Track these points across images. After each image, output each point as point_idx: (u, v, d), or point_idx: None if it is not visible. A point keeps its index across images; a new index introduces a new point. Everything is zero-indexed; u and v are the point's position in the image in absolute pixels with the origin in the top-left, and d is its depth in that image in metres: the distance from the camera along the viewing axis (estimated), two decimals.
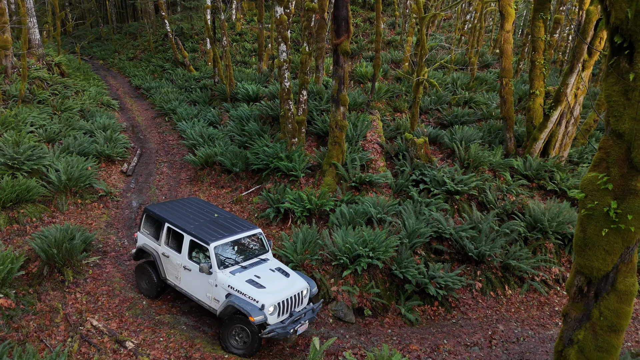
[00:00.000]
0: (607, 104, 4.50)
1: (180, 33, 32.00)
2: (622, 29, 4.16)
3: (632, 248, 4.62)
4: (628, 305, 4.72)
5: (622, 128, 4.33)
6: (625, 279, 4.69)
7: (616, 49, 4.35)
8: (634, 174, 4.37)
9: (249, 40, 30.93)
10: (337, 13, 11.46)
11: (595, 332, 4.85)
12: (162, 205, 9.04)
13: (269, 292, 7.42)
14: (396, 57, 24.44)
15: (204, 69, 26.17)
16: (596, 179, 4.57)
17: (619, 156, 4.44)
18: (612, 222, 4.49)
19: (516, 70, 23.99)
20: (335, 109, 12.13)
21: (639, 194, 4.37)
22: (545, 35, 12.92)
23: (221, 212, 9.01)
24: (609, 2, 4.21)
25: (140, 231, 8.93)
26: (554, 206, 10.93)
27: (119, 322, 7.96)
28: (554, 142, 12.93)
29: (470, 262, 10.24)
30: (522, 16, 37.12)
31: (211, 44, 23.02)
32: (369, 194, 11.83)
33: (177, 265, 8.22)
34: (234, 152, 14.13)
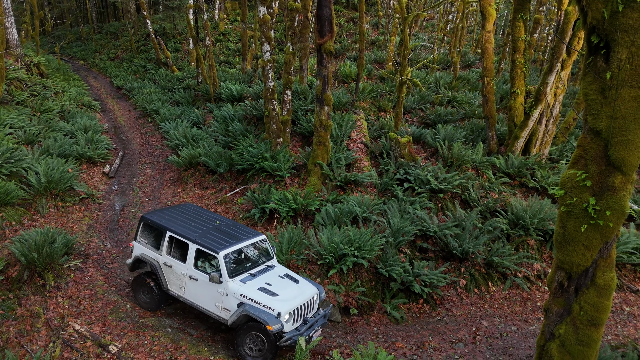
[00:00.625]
0: (585, 103, 4.59)
1: (162, 33, 31.65)
2: (599, 29, 4.26)
3: (610, 243, 4.73)
4: (607, 300, 4.83)
5: (599, 126, 4.43)
6: (604, 274, 4.80)
7: (593, 49, 4.45)
8: (611, 170, 4.47)
9: (232, 40, 30.75)
10: (320, 13, 11.47)
11: (576, 326, 4.95)
12: (159, 212, 8.66)
13: (282, 299, 7.32)
14: (380, 57, 24.56)
15: (187, 69, 25.93)
16: (575, 176, 4.67)
17: (596, 153, 4.54)
18: (591, 218, 4.59)
19: (498, 70, 24.33)
20: (319, 108, 12.14)
21: (617, 191, 4.48)
22: (526, 35, 13.13)
23: (221, 219, 8.77)
24: (585, 3, 4.30)
25: (136, 240, 8.53)
26: (535, 203, 11.12)
27: (102, 325, 7.84)
28: (534, 140, 13.15)
29: (455, 260, 10.35)
30: (503, 16, 37.64)
31: (194, 43, 22.82)
32: (354, 193, 11.87)
33: (182, 275, 7.95)
34: (218, 153, 14.03)
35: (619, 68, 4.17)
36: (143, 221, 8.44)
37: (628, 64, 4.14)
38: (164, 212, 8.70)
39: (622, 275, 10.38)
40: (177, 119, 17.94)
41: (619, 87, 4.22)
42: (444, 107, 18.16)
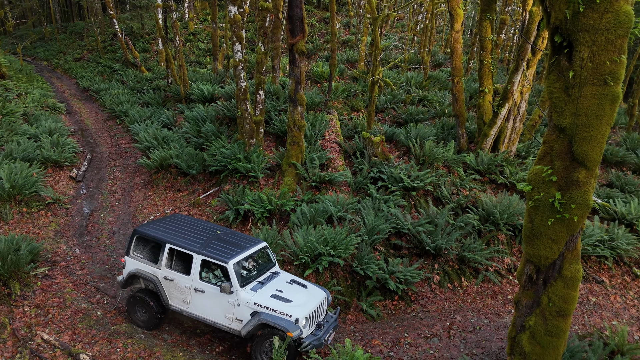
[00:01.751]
0: (549, 101, 4.74)
1: (130, 33, 30.93)
2: (562, 29, 4.40)
3: (575, 236, 4.90)
4: (574, 291, 5.00)
5: (563, 123, 4.58)
6: (570, 266, 4.97)
7: (557, 48, 4.60)
8: (575, 166, 4.63)
9: (203, 40, 30.33)
10: (291, 13, 11.45)
11: (545, 317, 5.10)
12: (152, 225, 8.21)
13: (297, 305, 7.27)
14: (352, 57, 24.70)
15: (157, 69, 25.43)
16: (541, 171, 4.81)
17: (561, 149, 4.69)
18: (557, 212, 4.73)
19: (467, 69, 24.85)
20: (292, 108, 12.12)
21: (581, 185, 4.64)
22: (492, 35, 13.45)
23: (220, 228, 8.51)
24: (549, 4, 4.43)
25: (129, 255, 8.06)
26: (504, 199, 11.42)
27: (71, 334, 7.60)
28: (503, 138, 13.49)
29: (428, 256, 10.52)
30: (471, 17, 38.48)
31: (163, 43, 22.40)
32: (329, 193, 11.90)
33: (185, 288, 7.64)
34: (190, 154, 13.82)
35: (581, 67, 4.32)
36: (136, 235, 7.96)
37: (590, 63, 4.29)
38: (158, 224, 8.28)
39: (587, 267, 10.77)
40: (147, 121, 17.58)
41: (582, 85, 4.37)
42: (415, 106, 18.42)
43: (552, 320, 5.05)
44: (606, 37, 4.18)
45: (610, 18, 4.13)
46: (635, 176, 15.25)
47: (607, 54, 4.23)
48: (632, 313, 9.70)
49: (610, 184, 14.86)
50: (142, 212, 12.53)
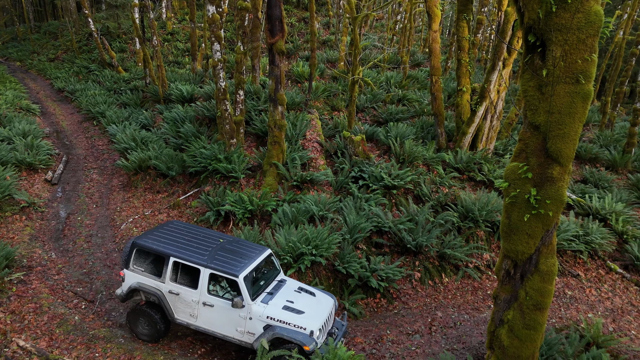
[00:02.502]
0: (524, 99, 4.84)
1: (106, 32, 30.36)
2: (535, 29, 4.50)
3: (551, 231, 5.02)
4: (550, 284, 5.12)
5: (538, 120, 4.69)
6: (546, 260, 5.08)
7: (530, 47, 4.70)
8: (550, 162, 4.74)
9: (181, 39, 29.98)
10: (270, 12, 11.41)
11: (523, 311, 5.21)
12: (151, 236, 7.82)
13: (310, 316, 7.20)
14: (332, 57, 24.76)
15: (134, 69, 25.03)
16: (517, 168, 4.91)
17: (536, 147, 4.79)
18: (533, 208, 4.84)
19: (445, 69, 25.17)
20: (273, 108, 12.08)
21: (555, 181, 4.75)
22: (470, 35, 13.66)
23: (222, 236, 8.26)
24: (522, 4, 4.53)
25: (129, 269, 7.69)
26: (483, 196, 11.61)
27: (49, 340, 7.43)
28: (481, 136, 13.71)
29: (409, 253, 10.62)
30: (449, 17, 38.98)
31: (140, 43, 22.05)
32: (310, 193, 11.91)
33: (193, 302, 7.39)
34: (169, 155, 13.65)
35: (554, 65, 4.43)
36: (136, 247, 7.61)
37: (562, 62, 4.40)
38: (157, 235, 7.88)
39: (563, 261, 11.03)
40: (125, 122, 17.29)
41: (555, 84, 4.48)
42: (395, 106, 18.57)
43: (530, 314, 5.16)
44: (578, 36, 4.29)
45: (582, 18, 4.24)
46: (608, 172, 15.69)
47: (578, 52, 4.34)
48: (607, 305, 9.98)
49: (585, 180, 15.25)
50: (120, 214, 12.33)
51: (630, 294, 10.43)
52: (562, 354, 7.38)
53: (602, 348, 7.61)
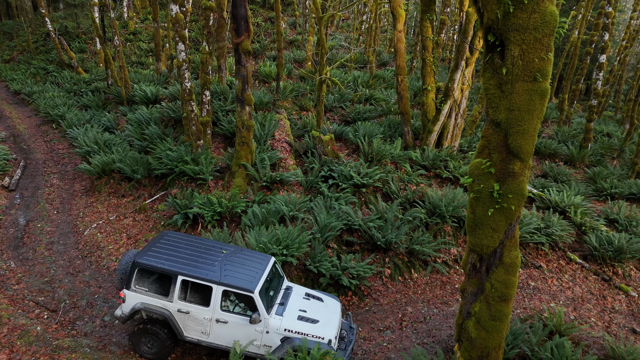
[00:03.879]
0: (485, 97, 4.98)
1: (64, 32, 29.29)
2: (494, 29, 4.63)
3: (513, 225, 5.18)
4: (514, 276, 5.29)
5: (499, 118, 4.83)
6: (510, 253, 5.25)
7: (490, 47, 4.83)
8: (511, 158, 4.89)
9: (144, 39, 29.26)
10: (235, 12, 11.30)
11: (489, 303, 5.36)
12: (152, 253, 7.41)
13: (325, 324, 7.25)
14: (299, 57, 24.75)
15: (95, 70, 24.25)
16: (480, 164, 5.05)
17: (498, 143, 4.94)
18: (496, 203, 4.99)
19: (410, 68, 25.59)
20: (240, 108, 11.97)
21: (516, 176, 4.91)
22: (433, 35, 13.94)
23: (223, 246, 8.01)
24: (481, 4, 4.65)
25: (130, 289, 7.27)
26: (449, 192, 11.87)
27: (9, 352, 7.11)
28: (446, 134, 14.02)
29: (379, 251, 10.75)
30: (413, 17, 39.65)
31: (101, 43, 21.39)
32: (280, 193, 11.87)
33: (205, 320, 7.18)
34: (134, 158, 13.30)
35: (513, 64, 4.58)
36: (138, 267, 7.19)
37: (520, 61, 4.55)
38: (157, 251, 7.49)
39: (526, 254, 11.42)
40: (87, 124, 16.74)
41: (514, 82, 4.63)
42: (362, 105, 18.74)
43: (495, 306, 5.31)
44: (534, 35, 4.45)
45: (538, 18, 4.40)
46: (567, 167, 16.35)
47: (535, 51, 4.50)
48: (568, 295, 10.40)
49: (545, 174, 15.84)
50: (83, 220, 11.93)
51: (590, 283, 10.90)
52: (527, 343, 7.64)
53: (564, 336, 7.92)
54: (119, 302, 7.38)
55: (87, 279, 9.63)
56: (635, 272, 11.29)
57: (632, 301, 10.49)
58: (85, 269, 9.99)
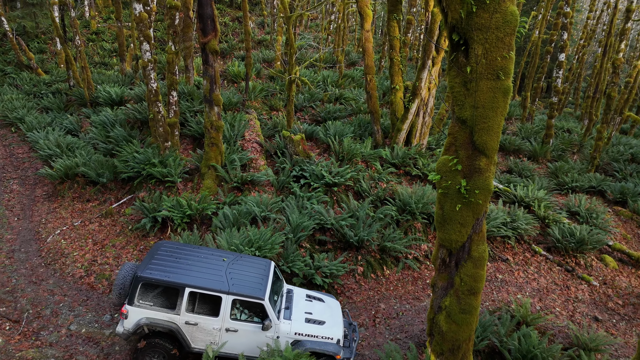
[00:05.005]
0: (451, 95, 5.08)
1: (22, 32, 28.12)
2: (458, 28, 4.73)
3: (481, 219, 5.31)
4: (482, 269, 5.42)
5: (464, 115, 4.93)
6: (478, 247, 5.37)
7: (455, 46, 4.93)
8: (477, 154, 5.01)
9: (107, 39, 28.46)
10: (201, 11, 11.13)
11: (459, 296, 5.47)
12: (153, 266, 7.17)
13: (332, 325, 7.41)
14: (268, 56, 24.62)
15: (56, 71, 23.40)
16: (448, 161, 5.15)
17: (464, 140, 5.04)
18: (464, 198, 5.09)
19: (379, 68, 25.85)
20: (209, 109, 11.80)
21: (482, 172, 5.03)
22: (400, 35, 14.13)
23: (219, 253, 7.92)
24: (445, 4, 4.74)
25: (134, 304, 7.01)
26: (418, 189, 12.07)
27: None
28: (414, 132, 14.25)
29: (352, 249, 10.82)
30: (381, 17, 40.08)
31: (62, 44, 20.67)
32: (252, 194, 11.77)
33: (214, 330, 7.11)
34: (99, 162, 12.91)
35: (477, 63, 4.68)
36: (142, 281, 6.96)
37: (484, 59, 4.66)
38: (158, 264, 7.27)
39: (493, 247, 11.74)
40: (48, 127, 16.13)
41: (478, 80, 4.74)
42: (332, 104, 18.82)
43: (465, 299, 5.43)
44: (496, 35, 4.56)
45: (499, 18, 4.52)
46: (530, 162, 16.89)
47: (498, 50, 4.62)
48: (534, 286, 10.75)
49: (510, 170, 16.32)
50: (46, 226, 11.50)
51: (554, 273, 11.30)
52: (496, 334, 7.85)
53: (530, 326, 8.18)
54: (120, 318, 7.19)
55: (52, 287, 9.29)
56: (596, 262, 11.78)
57: (594, 290, 10.94)
58: (49, 277, 9.64)
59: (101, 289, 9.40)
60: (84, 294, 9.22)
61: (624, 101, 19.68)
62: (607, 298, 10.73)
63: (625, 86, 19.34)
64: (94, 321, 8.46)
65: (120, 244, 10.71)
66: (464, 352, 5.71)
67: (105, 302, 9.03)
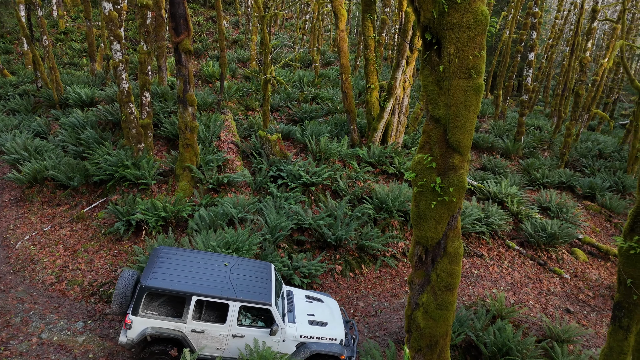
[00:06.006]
0: (425, 94, 5.13)
1: None
2: (431, 27, 4.78)
3: (455, 216, 5.38)
4: (457, 266, 5.49)
5: (438, 114, 4.99)
6: (453, 243, 5.45)
7: (428, 45, 4.98)
8: (451, 152, 5.07)
9: (76, 39, 27.72)
10: (173, 10, 10.96)
11: (435, 293, 5.54)
12: (157, 275, 7.05)
13: (334, 326, 7.56)
14: (243, 56, 24.43)
15: (23, 72, 22.65)
16: (423, 159, 5.20)
17: (438, 138, 5.11)
18: (438, 196, 5.16)
19: (354, 67, 25.98)
20: (183, 110, 11.63)
21: (456, 170, 5.10)
22: (375, 35, 14.22)
23: (219, 258, 7.84)
24: (418, 4, 4.79)
25: (138, 314, 6.89)
26: (395, 188, 12.18)
27: None
28: (390, 131, 14.37)
29: (330, 248, 10.83)
30: (355, 17, 40.29)
31: (28, 44, 20.02)
32: (228, 195, 11.65)
33: (221, 336, 7.12)
34: (69, 165, 12.55)
35: (449, 62, 4.75)
36: (147, 291, 6.83)
37: (456, 58, 4.72)
38: (162, 272, 7.15)
39: (469, 243, 11.94)
40: (15, 130, 15.59)
41: (451, 79, 4.80)
42: (309, 104, 18.81)
43: (441, 295, 5.50)
44: (468, 34, 4.63)
45: (470, 17, 4.59)
46: (503, 159, 17.26)
47: (469, 49, 4.69)
48: (508, 280, 10.98)
49: (484, 167, 16.64)
50: (14, 232, 11.11)
51: (527, 268, 11.58)
52: (472, 328, 7.99)
53: (505, 319, 8.36)
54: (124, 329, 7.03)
55: (21, 295, 8.98)
56: (567, 256, 12.12)
57: (565, 283, 11.26)
58: (18, 285, 9.32)
59: (73, 296, 9.15)
60: (55, 300, 8.95)
61: (591, 99, 20.32)
62: (578, 290, 11.05)
63: (593, 84, 19.97)
64: (66, 328, 8.23)
65: (93, 249, 10.45)
66: (441, 348, 5.78)
67: (77, 309, 8.79)
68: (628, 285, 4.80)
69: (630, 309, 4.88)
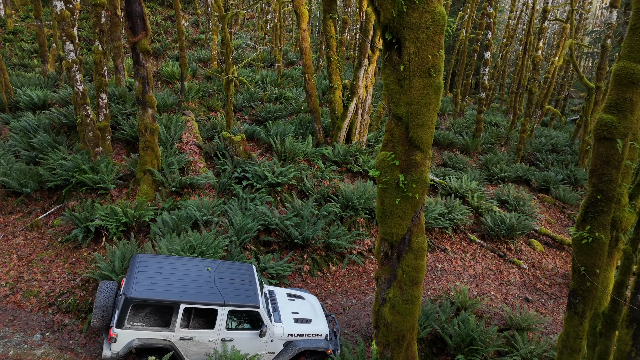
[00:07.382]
0: (387, 93, 5.21)
1: None
2: (391, 27, 4.86)
3: (419, 212, 5.50)
4: (422, 260, 5.62)
5: (400, 112, 5.08)
6: (417, 238, 5.56)
7: (388, 45, 5.06)
8: (413, 150, 5.18)
9: (26, 39, 26.45)
10: (130, 9, 10.64)
11: (401, 288, 5.64)
12: (140, 285, 6.80)
13: (317, 322, 7.74)
14: (204, 56, 24.02)
15: None
16: (386, 157, 5.28)
17: (401, 136, 5.20)
18: (402, 192, 5.25)
19: (317, 67, 26.05)
20: (142, 111, 11.31)
21: (419, 166, 5.21)
22: (337, 34, 14.31)
23: (201, 263, 7.69)
24: (377, 4, 4.85)
25: (123, 327, 6.64)
26: (360, 186, 12.31)
27: None
28: (354, 130, 14.51)
29: (297, 248, 10.83)
30: (317, 17, 40.39)
31: None
32: (192, 198, 11.44)
33: (210, 342, 7.03)
34: (21, 170, 11.96)
35: (409, 61, 4.84)
36: (133, 303, 6.57)
37: (416, 57, 4.82)
38: (145, 282, 6.91)
39: (432, 238, 12.23)
40: None
41: (411, 78, 4.90)
42: (272, 104, 18.72)
43: (407, 290, 5.60)
44: (426, 34, 4.74)
45: (429, 17, 4.70)
46: (463, 155, 17.76)
47: (428, 49, 4.80)
48: (470, 273, 11.32)
49: (445, 163, 17.07)
50: None
51: (488, 260, 11.97)
52: (438, 321, 8.19)
53: (469, 311, 8.61)
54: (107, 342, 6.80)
55: None
56: (525, 247, 12.62)
57: (523, 273, 11.72)
58: None
59: (29, 307, 8.74)
60: (10, 313, 8.52)
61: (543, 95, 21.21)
62: (536, 279, 11.53)
63: (545, 81, 20.86)
64: (23, 342, 7.85)
65: (50, 258, 10.01)
66: (408, 342, 5.90)
67: (34, 321, 8.40)
68: (582, 272, 5.05)
69: (585, 296, 5.13)
